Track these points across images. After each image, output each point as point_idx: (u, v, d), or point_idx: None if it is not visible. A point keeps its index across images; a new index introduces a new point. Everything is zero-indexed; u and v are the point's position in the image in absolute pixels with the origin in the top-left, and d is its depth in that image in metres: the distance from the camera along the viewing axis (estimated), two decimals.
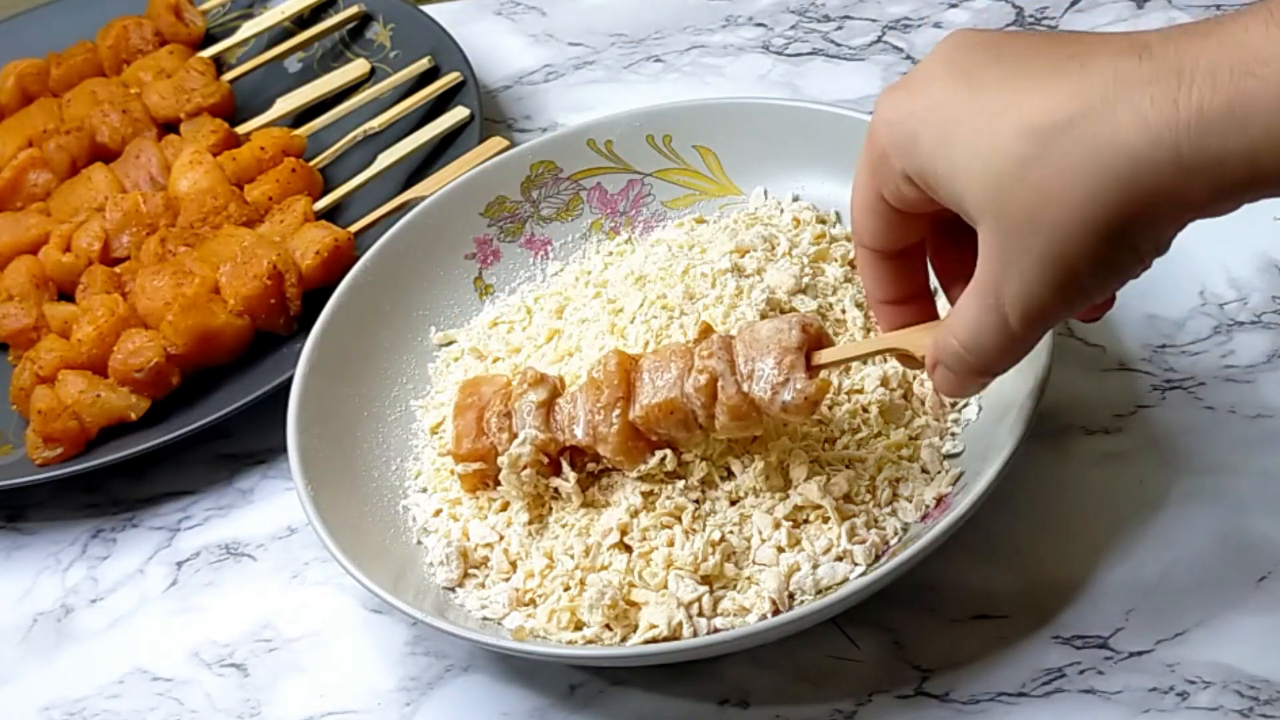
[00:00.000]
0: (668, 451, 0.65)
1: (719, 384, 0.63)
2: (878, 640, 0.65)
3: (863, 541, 0.64)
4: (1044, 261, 0.50)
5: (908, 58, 0.92)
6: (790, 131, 0.78)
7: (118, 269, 0.87)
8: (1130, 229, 0.49)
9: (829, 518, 0.64)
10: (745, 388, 0.62)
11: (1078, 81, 0.48)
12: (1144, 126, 0.47)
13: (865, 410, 0.67)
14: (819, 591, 0.63)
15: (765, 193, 0.79)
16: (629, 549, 0.65)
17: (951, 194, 0.52)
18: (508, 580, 0.67)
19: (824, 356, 0.62)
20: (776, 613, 0.62)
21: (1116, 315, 0.74)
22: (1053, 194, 0.49)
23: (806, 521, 0.65)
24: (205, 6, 1.04)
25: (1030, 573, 0.66)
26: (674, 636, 0.62)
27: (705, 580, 0.64)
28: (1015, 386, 0.66)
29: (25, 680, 0.74)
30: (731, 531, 0.65)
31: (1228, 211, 0.50)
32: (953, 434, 0.67)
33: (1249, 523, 0.65)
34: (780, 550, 0.64)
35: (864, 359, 0.65)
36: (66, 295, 0.88)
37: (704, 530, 0.64)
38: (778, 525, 0.64)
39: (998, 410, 0.66)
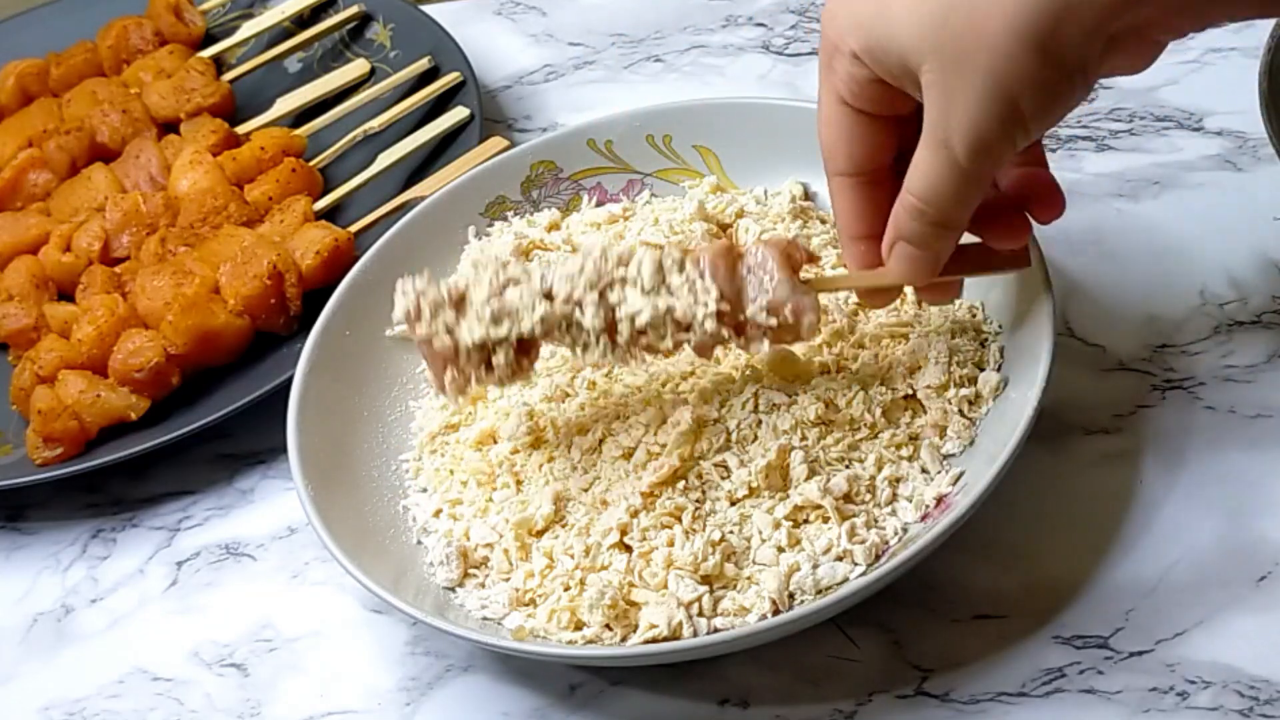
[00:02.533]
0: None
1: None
2: (878, 640, 0.65)
3: (863, 541, 0.64)
4: (983, 91, 0.54)
5: None
6: (790, 131, 0.78)
7: (118, 269, 0.87)
8: (1055, 42, 0.53)
9: (829, 518, 0.64)
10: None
11: None
12: None
13: (869, 411, 0.67)
14: (819, 591, 0.63)
15: (765, 192, 0.79)
16: (629, 549, 0.65)
17: (897, 55, 0.56)
18: (508, 580, 0.67)
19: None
20: (776, 613, 0.62)
21: (1116, 315, 0.74)
22: (980, 23, 0.53)
23: (806, 521, 0.65)
24: (205, 6, 1.04)
25: (1030, 573, 0.66)
26: (674, 636, 0.62)
27: (705, 580, 0.64)
28: (1016, 386, 0.66)
29: (25, 680, 0.74)
30: (731, 531, 0.65)
31: (1141, 24, 0.54)
32: (953, 434, 0.67)
33: (1249, 523, 0.65)
34: (780, 550, 0.64)
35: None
36: (66, 295, 0.88)
37: (704, 530, 0.64)
38: (778, 525, 0.64)
39: (998, 409, 0.66)
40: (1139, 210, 0.79)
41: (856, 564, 0.63)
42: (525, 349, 0.65)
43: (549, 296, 0.64)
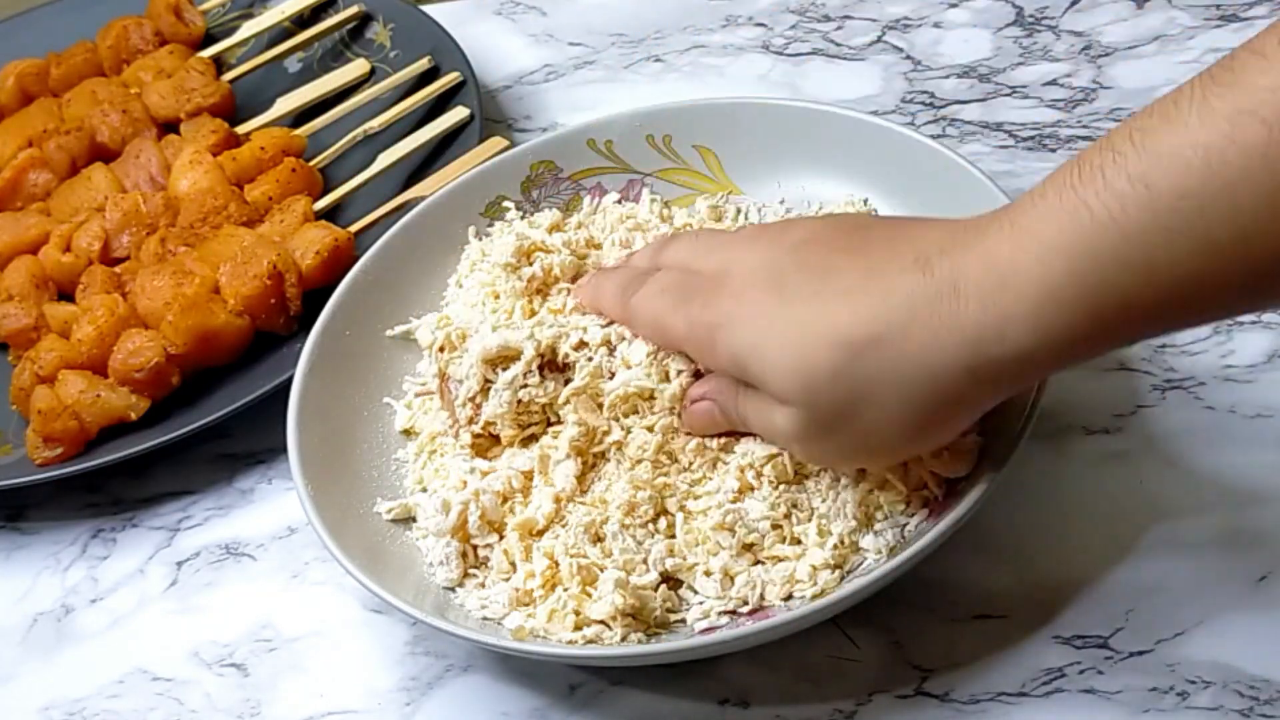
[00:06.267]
0: None
1: None
2: (878, 640, 0.65)
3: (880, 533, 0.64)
4: (847, 448, 0.60)
5: (908, 57, 0.92)
6: (790, 131, 0.78)
7: (118, 269, 0.87)
8: (930, 426, 0.58)
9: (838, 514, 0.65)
10: None
11: (878, 302, 0.56)
12: (937, 345, 0.54)
13: None
14: (819, 591, 0.63)
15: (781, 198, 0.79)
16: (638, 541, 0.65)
17: (762, 383, 0.59)
18: (508, 580, 0.67)
19: None
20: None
21: None
22: (861, 399, 0.57)
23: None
24: (205, 6, 1.04)
25: (1030, 573, 0.66)
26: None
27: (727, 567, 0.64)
28: None
29: (25, 680, 0.74)
30: (739, 523, 0.65)
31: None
32: None
33: (1249, 523, 0.65)
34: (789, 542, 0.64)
35: None
36: (66, 295, 0.88)
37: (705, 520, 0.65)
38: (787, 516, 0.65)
39: (997, 410, 0.66)
40: None
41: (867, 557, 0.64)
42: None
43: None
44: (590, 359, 0.68)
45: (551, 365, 0.69)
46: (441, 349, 0.72)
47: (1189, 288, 0.50)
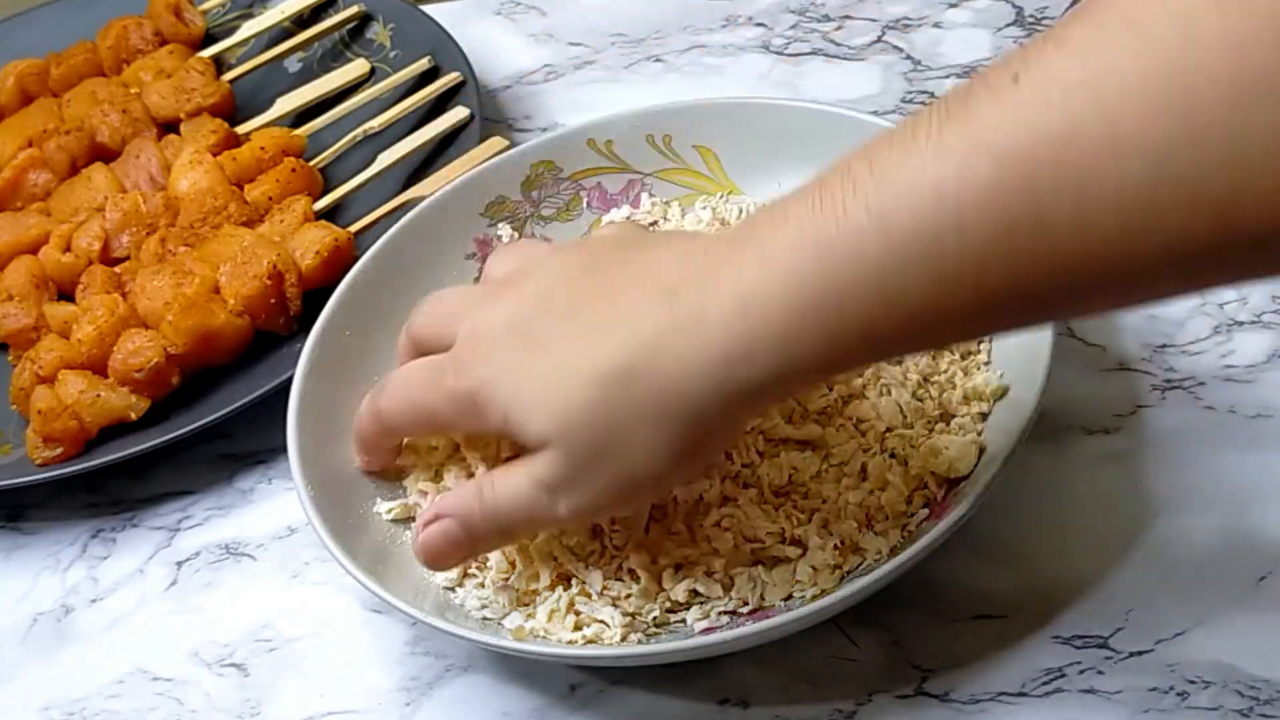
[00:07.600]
0: None
1: None
2: (878, 640, 0.65)
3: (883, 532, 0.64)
4: (611, 485, 0.58)
5: (908, 57, 0.92)
6: (790, 131, 0.78)
7: (118, 269, 0.87)
8: (691, 452, 0.57)
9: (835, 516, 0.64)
10: None
11: (626, 335, 0.56)
12: (687, 372, 0.55)
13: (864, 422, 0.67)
14: (820, 592, 0.63)
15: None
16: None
17: (524, 432, 0.58)
18: (507, 580, 0.67)
19: None
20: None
21: (1116, 315, 0.74)
22: (620, 432, 0.56)
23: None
24: (205, 6, 1.04)
25: (1030, 573, 0.66)
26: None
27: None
28: (1015, 386, 0.66)
29: (25, 680, 0.74)
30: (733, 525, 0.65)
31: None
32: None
33: (1249, 523, 0.65)
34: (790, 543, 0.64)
35: None
36: (66, 295, 0.88)
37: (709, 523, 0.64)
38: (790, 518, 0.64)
39: (997, 410, 0.66)
40: None
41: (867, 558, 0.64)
42: None
43: None
44: None
45: None
46: None
47: (927, 317, 0.51)
